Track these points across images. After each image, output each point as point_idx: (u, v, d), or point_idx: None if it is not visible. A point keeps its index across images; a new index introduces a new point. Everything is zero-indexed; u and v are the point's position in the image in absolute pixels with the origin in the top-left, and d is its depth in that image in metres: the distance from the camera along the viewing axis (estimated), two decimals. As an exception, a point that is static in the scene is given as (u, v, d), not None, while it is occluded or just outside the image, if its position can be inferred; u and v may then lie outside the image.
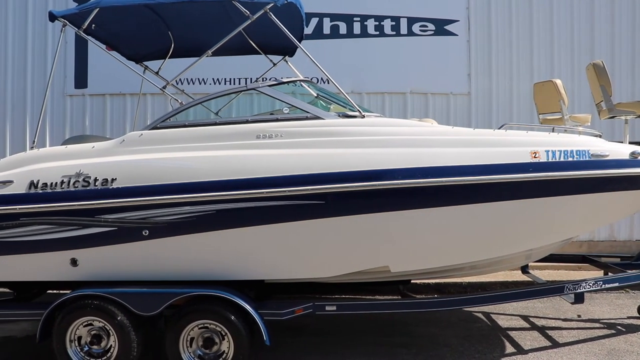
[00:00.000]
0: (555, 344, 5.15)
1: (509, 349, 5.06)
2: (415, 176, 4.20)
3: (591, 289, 5.00)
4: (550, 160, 4.35)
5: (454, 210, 4.29)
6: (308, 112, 4.57)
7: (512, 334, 5.47)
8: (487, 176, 4.26)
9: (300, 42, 5.27)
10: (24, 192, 4.45)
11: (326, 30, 8.36)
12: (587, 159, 4.39)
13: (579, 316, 6.04)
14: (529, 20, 8.49)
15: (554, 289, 4.94)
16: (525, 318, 6.02)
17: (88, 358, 4.40)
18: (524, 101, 8.37)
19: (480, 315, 6.14)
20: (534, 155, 4.35)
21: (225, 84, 8.29)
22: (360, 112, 4.63)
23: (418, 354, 4.93)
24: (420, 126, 4.62)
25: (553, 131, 4.68)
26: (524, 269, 6.16)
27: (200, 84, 8.26)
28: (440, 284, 6.97)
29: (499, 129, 4.65)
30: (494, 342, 5.24)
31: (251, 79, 7.93)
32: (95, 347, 4.41)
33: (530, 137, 4.52)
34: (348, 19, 8.37)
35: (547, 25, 8.50)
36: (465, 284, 7.06)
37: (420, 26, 8.39)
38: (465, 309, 6.17)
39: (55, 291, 5.24)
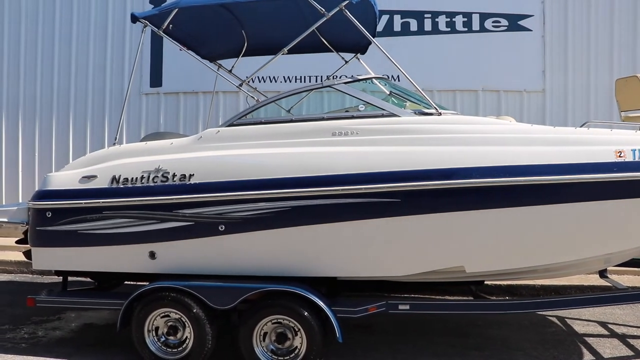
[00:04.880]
0: (637, 354, 4.91)
1: (587, 356, 4.86)
2: (494, 175, 4.10)
3: (680, 297, 4.74)
4: (636, 159, 4.14)
5: (534, 210, 4.15)
6: (384, 110, 4.53)
7: (590, 340, 5.26)
8: (568, 176, 4.11)
9: (372, 39, 5.25)
10: (106, 186, 4.65)
11: (397, 27, 8.32)
12: None
13: (663, 325, 5.76)
14: (609, 12, 8.15)
15: (639, 295, 4.72)
16: (603, 325, 5.77)
17: (165, 348, 4.54)
18: (602, 98, 8.05)
19: (554, 319, 5.93)
20: (618, 154, 4.16)
21: (295, 81, 8.37)
22: (437, 109, 4.56)
23: (491, 356, 4.82)
24: (498, 124, 4.51)
25: (640, 129, 4.47)
26: (602, 273, 5.88)
27: (271, 82, 8.39)
28: (512, 286, 6.78)
29: (581, 127, 4.49)
30: (570, 348, 5.06)
31: (321, 76, 7.99)
32: (171, 337, 4.54)
33: (614, 136, 4.31)
34: (419, 15, 8.29)
35: (630, 17, 8.13)
36: (538, 287, 6.85)
37: (493, 22, 8.21)
38: (539, 313, 5.98)
39: (132, 282, 5.42)
